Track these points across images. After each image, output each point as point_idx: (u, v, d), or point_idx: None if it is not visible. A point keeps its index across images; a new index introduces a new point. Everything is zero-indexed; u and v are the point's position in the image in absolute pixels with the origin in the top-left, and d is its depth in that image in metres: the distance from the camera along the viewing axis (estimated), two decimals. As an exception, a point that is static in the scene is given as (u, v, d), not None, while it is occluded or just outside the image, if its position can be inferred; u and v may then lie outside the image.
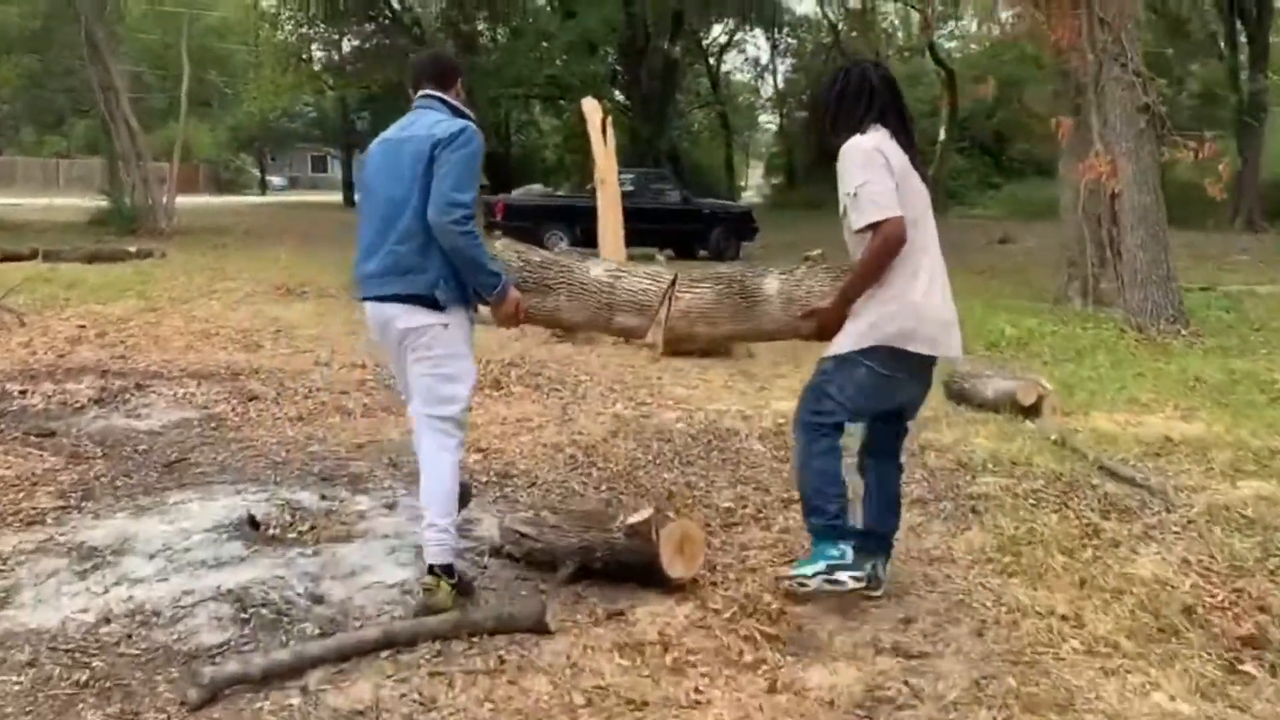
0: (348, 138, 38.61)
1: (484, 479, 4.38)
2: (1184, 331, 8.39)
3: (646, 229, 16.99)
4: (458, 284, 3.12)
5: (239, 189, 51.28)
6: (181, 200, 37.23)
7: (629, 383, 6.57)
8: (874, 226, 2.99)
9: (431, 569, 3.04)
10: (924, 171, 3.19)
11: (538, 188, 22.08)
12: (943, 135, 38.75)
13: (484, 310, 3.31)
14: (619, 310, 3.46)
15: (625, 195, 17.83)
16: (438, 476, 3.11)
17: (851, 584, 3.08)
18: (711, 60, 42.09)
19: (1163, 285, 8.57)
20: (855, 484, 3.31)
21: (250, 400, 5.72)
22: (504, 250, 3.46)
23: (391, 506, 3.99)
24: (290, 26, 29.23)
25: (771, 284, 3.37)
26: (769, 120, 52.95)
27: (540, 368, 6.88)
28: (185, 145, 51.36)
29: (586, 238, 17.25)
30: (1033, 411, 5.61)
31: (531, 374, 6.70)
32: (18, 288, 9.59)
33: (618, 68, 31.95)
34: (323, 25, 29.84)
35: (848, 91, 3.18)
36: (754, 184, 56.12)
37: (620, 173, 18.47)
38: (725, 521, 3.92)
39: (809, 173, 44.69)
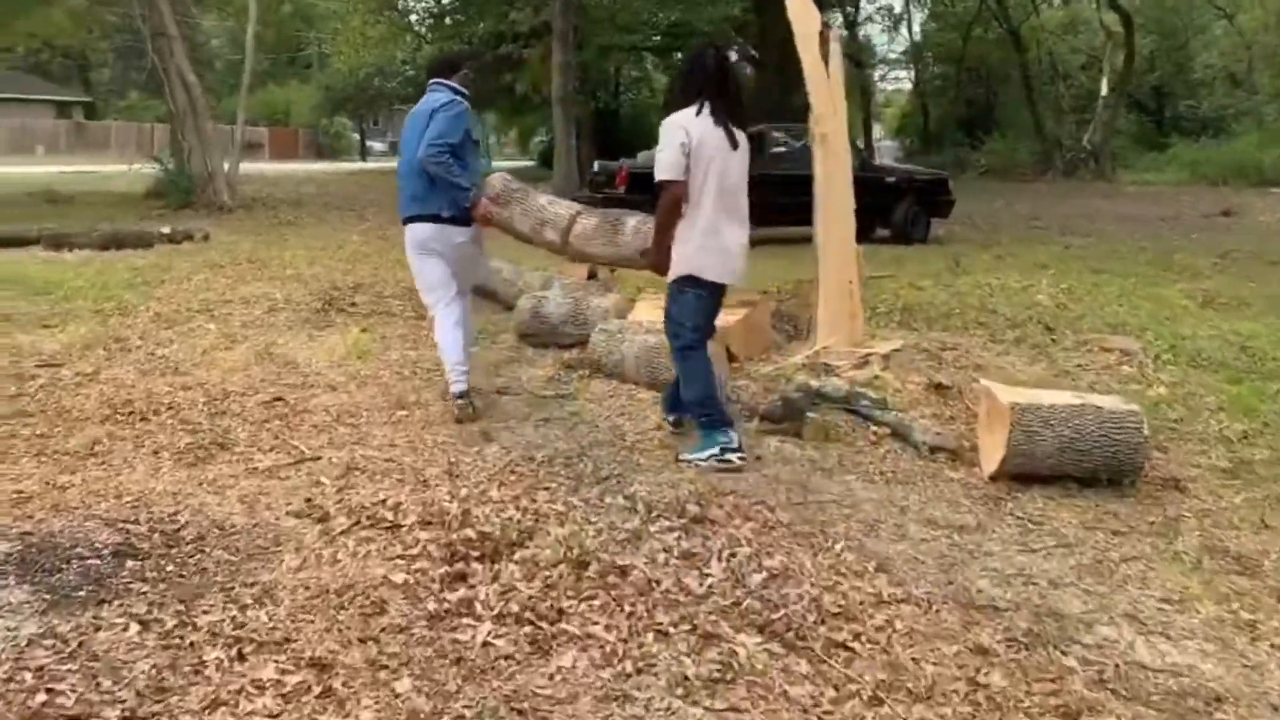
0: (447, 98, 35.11)
1: None
2: None
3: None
4: (454, 203, 4.47)
5: (339, 155, 48.69)
6: (273, 167, 34.75)
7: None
8: (662, 185, 3.90)
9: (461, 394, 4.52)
10: (741, 137, 3.99)
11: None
12: (1105, 90, 33.44)
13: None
14: (546, 226, 4.76)
15: (787, 159, 13.98)
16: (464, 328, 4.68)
17: (738, 462, 3.89)
18: (849, 9, 37.28)
19: None
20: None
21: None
22: (496, 178, 4.89)
23: None
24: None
25: (631, 221, 4.62)
26: (899, 76, 48.12)
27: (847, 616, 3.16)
28: (284, 109, 49.44)
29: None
30: None
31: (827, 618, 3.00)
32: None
33: (734, 14, 27.64)
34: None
35: (691, 72, 4.08)
36: (878, 146, 51.18)
37: (774, 128, 14.68)
38: None
39: (946, 134, 39.85)
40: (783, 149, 13.64)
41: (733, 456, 3.90)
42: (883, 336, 6.03)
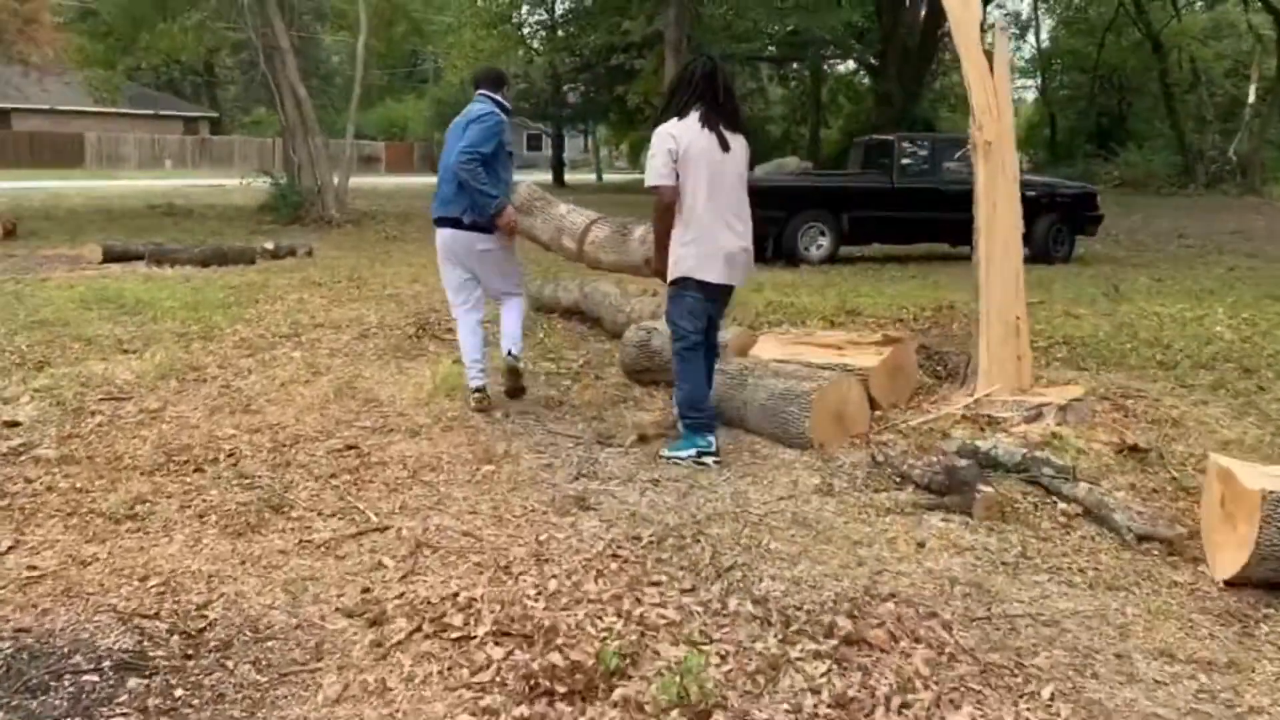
0: (558, 112, 34.92)
1: None
2: None
3: (948, 219, 11.95)
4: (479, 211, 4.64)
5: (452, 169, 49.02)
6: (387, 181, 35.07)
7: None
8: (654, 189, 4.04)
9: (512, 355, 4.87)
10: (735, 139, 4.10)
11: (792, 162, 15.74)
12: (1252, 98, 31.19)
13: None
14: (563, 234, 4.89)
15: (916, 173, 13.02)
16: (517, 320, 4.94)
17: (713, 465, 4.03)
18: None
19: None
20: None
21: None
22: (522, 187, 5.08)
23: None
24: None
25: (638, 230, 4.55)
26: (1025, 85, 46.02)
27: None
28: (401, 123, 50.19)
29: (860, 231, 12.40)
30: None
31: None
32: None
33: (856, 22, 26.58)
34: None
35: (680, 82, 4.18)
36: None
37: (905, 139, 13.68)
38: None
39: (1076, 145, 37.78)
40: (910, 160, 12.67)
41: (708, 460, 4.07)
42: (1051, 379, 5.13)
